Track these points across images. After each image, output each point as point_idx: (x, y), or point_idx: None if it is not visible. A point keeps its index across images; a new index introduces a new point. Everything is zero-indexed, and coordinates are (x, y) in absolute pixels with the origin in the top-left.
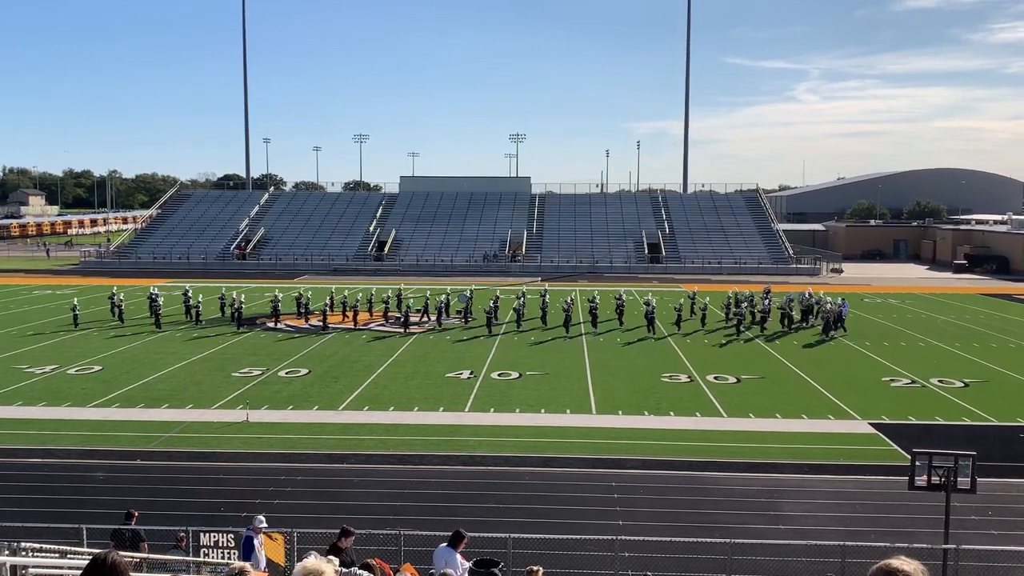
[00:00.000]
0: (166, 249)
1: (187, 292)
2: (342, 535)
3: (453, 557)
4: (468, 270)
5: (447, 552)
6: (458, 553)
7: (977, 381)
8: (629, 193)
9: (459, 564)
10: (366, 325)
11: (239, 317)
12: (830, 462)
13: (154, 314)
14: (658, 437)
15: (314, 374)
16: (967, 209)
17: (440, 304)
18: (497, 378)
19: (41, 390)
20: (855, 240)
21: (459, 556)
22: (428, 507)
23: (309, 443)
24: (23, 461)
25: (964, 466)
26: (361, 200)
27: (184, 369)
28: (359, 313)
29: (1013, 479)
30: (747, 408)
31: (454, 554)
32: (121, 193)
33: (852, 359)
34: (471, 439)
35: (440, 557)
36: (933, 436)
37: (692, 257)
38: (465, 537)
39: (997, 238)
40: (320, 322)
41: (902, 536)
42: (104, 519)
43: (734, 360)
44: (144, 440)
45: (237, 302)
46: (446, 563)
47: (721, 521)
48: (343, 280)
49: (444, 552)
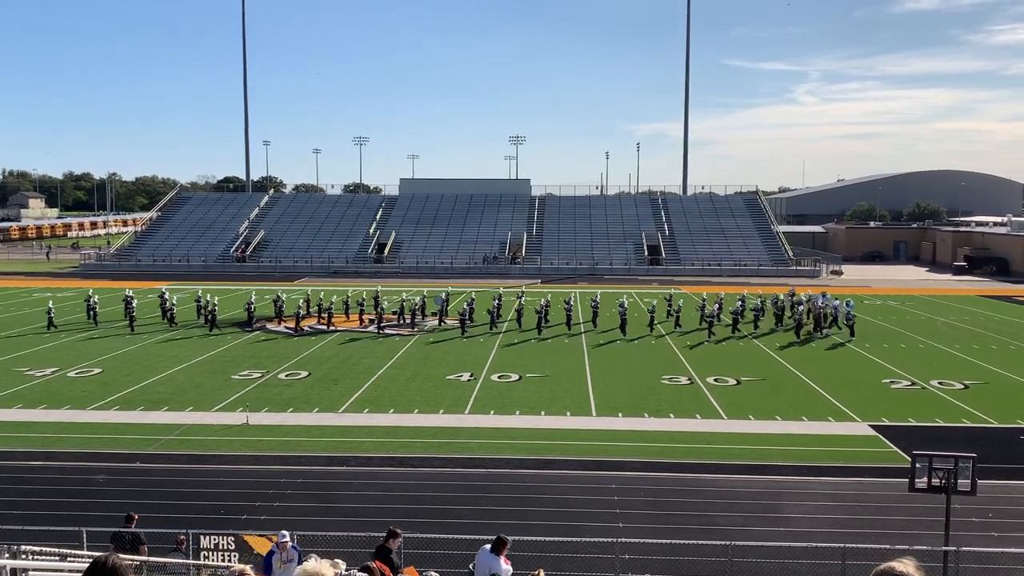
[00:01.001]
0: (166, 251)
1: (163, 294)
2: (389, 536)
3: (497, 562)
4: (468, 272)
5: (490, 558)
6: (502, 557)
7: (977, 383)
8: (629, 195)
9: (504, 569)
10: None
11: (213, 320)
12: (830, 464)
13: (128, 316)
14: (658, 439)
15: (314, 376)
16: (967, 211)
17: (415, 306)
18: (497, 380)
19: (41, 393)
20: (855, 242)
21: (503, 560)
22: (428, 509)
23: (309, 445)
24: (23, 464)
25: (964, 468)
26: (361, 202)
27: (184, 372)
28: (333, 316)
29: (1013, 481)
30: (747, 410)
31: (498, 559)
32: (121, 196)
33: (852, 361)
34: (471, 441)
35: (483, 563)
36: (933, 438)
37: (692, 259)
38: (507, 542)
39: (997, 240)
40: (293, 326)
41: (902, 538)
42: (104, 522)
43: (734, 362)
44: (144, 443)
45: (211, 304)
46: (490, 569)
47: (721, 523)
48: (343, 282)
49: (487, 557)
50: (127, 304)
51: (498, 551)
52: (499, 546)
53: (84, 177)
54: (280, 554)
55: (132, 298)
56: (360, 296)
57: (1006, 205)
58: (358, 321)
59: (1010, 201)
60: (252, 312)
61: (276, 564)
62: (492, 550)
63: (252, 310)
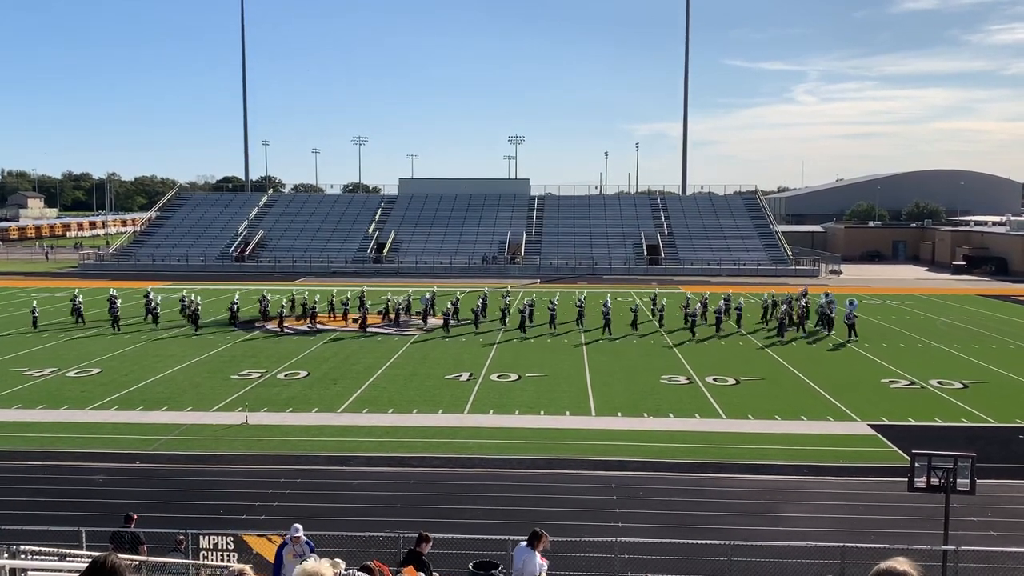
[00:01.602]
0: (165, 251)
1: (148, 294)
2: (420, 541)
3: (532, 557)
4: (467, 272)
5: (526, 552)
6: (537, 552)
7: (976, 382)
8: (628, 195)
9: (538, 564)
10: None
11: (195, 319)
12: (829, 463)
13: (112, 316)
14: (657, 439)
15: (313, 376)
16: (966, 210)
17: (399, 306)
18: (496, 380)
19: (40, 393)
20: (854, 241)
21: (538, 556)
22: (427, 509)
23: (308, 445)
24: (22, 464)
25: (963, 467)
26: (360, 202)
27: (183, 372)
28: (316, 316)
29: (1012, 480)
30: (746, 409)
31: (533, 554)
32: (120, 196)
33: (851, 360)
34: (470, 441)
35: (519, 557)
36: (932, 437)
37: (691, 259)
38: (543, 535)
39: (996, 239)
40: (277, 326)
41: (901, 537)
42: (103, 522)
43: (733, 361)
44: (143, 443)
45: (194, 304)
46: (524, 563)
47: (721, 522)
48: (342, 282)
49: (523, 552)
50: (111, 303)
51: (533, 545)
52: (534, 540)
53: (83, 177)
54: (293, 547)
55: (116, 297)
56: (344, 296)
57: (1005, 205)
58: (343, 321)
59: (1009, 201)
60: (236, 312)
61: (287, 556)
62: (528, 543)
63: (236, 310)
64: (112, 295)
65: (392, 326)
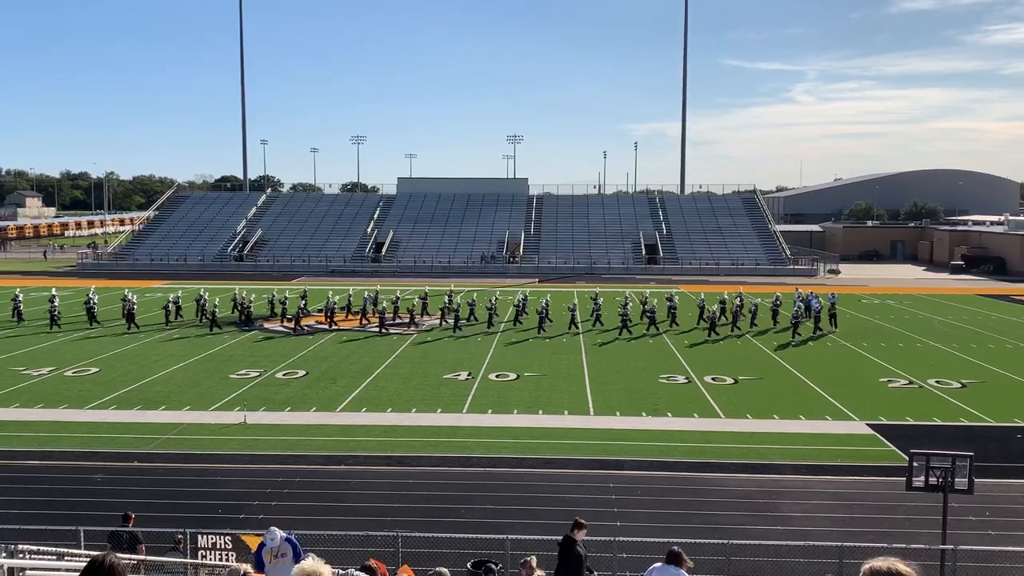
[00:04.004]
0: (163, 251)
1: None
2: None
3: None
4: (466, 271)
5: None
6: (682, 570)
7: (974, 382)
8: (626, 194)
9: None
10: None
11: (168, 317)
12: (828, 463)
13: (89, 314)
14: (656, 438)
15: (312, 375)
16: (964, 210)
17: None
18: (495, 379)
19: (38, 392)
20: (852, 241)
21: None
22: (426, 508)
23: (307, 445)
24: (21, 463)
25: (962, 467)
26: (359, 201)
27: (182, 371)
28: (301, 317)
29: (1010, 479)
30: (745, 409)
31: (679, 572)
32: (118, 195)
33: (849, 360)
34: (469, 440)
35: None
36: (930, 437)
37: (689, 258)
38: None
39: (994, 239)
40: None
41: (900, 537)
42: (101, 521)
43: (732, 361)
44: (142, 442)
45: (171, 303)
46: None
47: (719, 522)
48: (340, 281)
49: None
50: (87, 303)
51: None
52: (675, 560)
53: (81, 176)
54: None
55: (93, 296)
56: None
57: (1003, 204)
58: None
59: (1007, 200)
60: (214, 314)
61: (267, 559)
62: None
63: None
64: (89, 296)
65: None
